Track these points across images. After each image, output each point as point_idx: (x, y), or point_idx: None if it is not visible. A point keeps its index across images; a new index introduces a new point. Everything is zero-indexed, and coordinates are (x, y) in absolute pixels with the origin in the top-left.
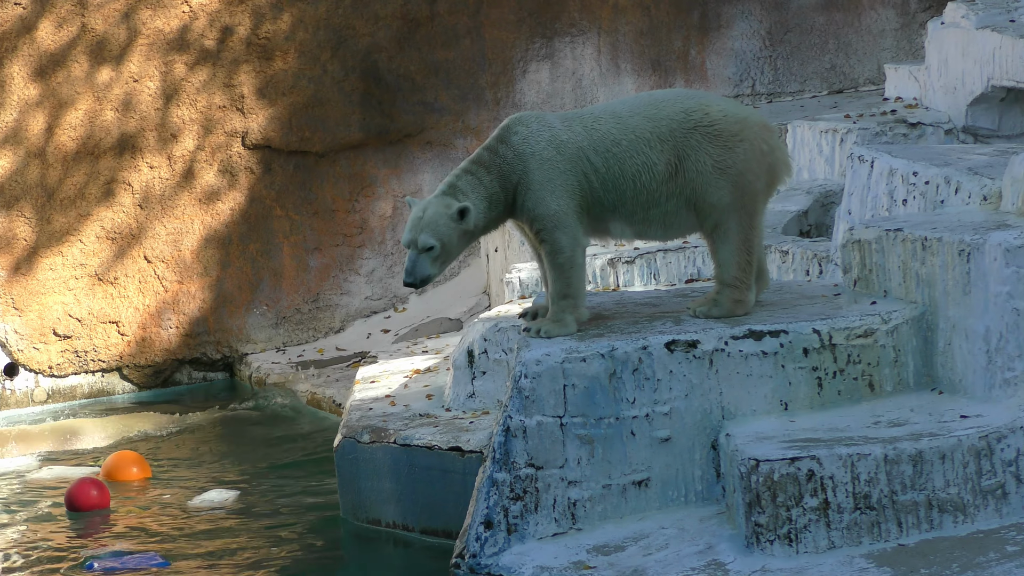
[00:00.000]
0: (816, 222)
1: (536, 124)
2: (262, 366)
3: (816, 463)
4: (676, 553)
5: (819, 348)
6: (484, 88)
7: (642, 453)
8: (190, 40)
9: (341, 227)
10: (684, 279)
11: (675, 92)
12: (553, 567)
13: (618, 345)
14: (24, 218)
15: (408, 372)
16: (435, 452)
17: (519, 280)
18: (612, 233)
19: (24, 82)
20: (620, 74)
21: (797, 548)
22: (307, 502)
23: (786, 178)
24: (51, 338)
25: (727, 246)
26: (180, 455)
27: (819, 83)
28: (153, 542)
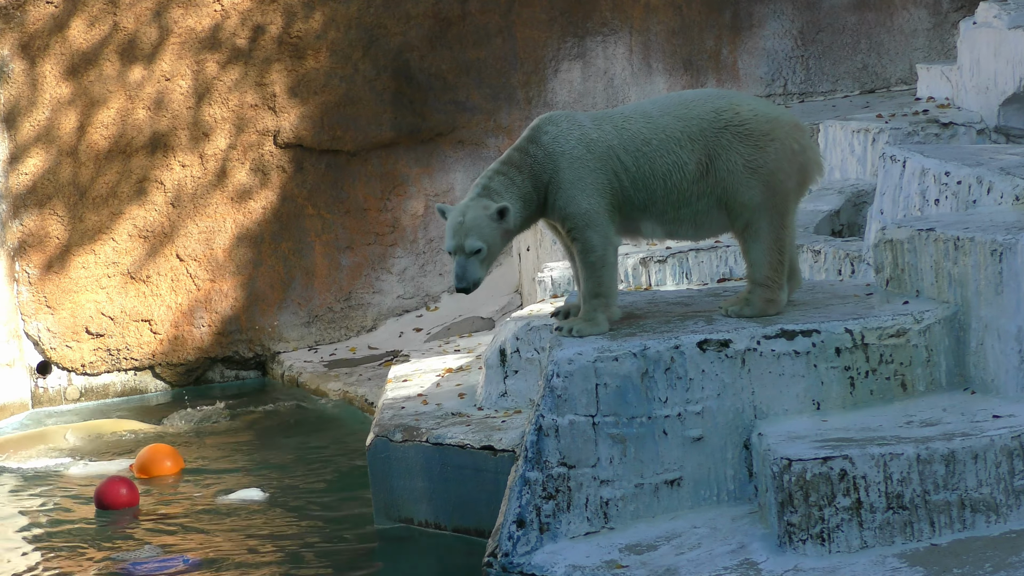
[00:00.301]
0: (848, 221)
1: (566, 123)
2: (294, 365)
3: (849, 463)
4: (708, 552)
5: (851, 348)
6: (516, 87)
7: (674, 452)
8: (222, 39)
9: (373, 226)
10: (716, 278)
11: (705, 92)
12: (585, 566)
13: (650, 344)
14: (57, 216)
15: (440, 371)
16: (467, 451)
17: (551, 279)
18: (643, 232)
19: (56, 81)
20: (652, 73)
21: (830, 548)
22: (339, 500)
23: (818, 177)
24: (84, 336)
25: (759, 245)
26: (212, 450)
27: (851, 83)
28: (183, 540)
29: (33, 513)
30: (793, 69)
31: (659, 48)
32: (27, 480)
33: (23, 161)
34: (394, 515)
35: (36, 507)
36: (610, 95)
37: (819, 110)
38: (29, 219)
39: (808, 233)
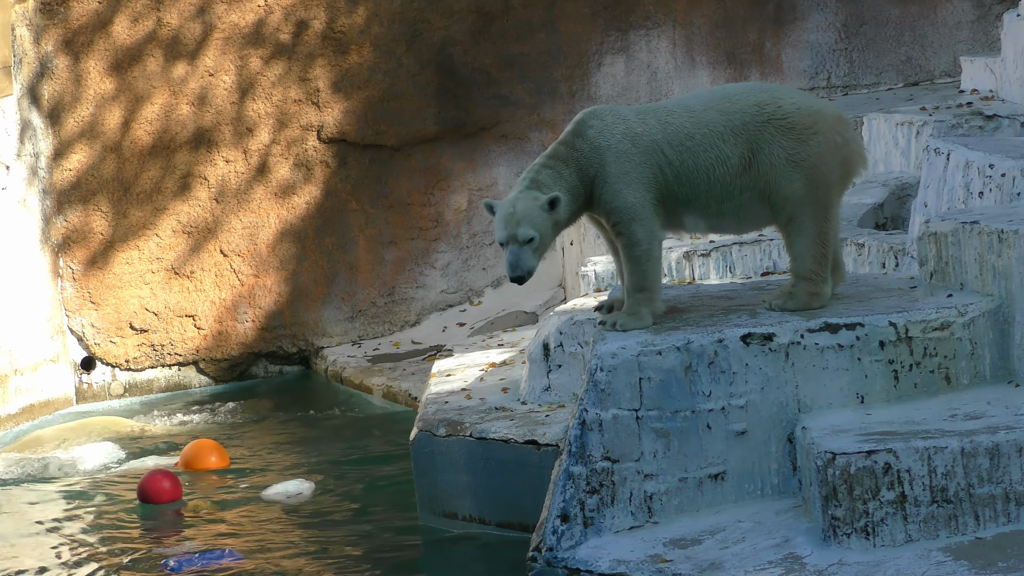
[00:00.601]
0: (892, 215)
1: (611, 117)
2: (338, 360)
3: (893, 456)
4: (753, 546)
5: (895, 341)
6: (559, 81)
7: (718, 446)
8: (265, 34)
9: (416, 221)
10: (760, 272)
11: (748, 85)
12: (630, 560)
13: (694, 338)
14: (101, 212)
15: (484, 365)
16: (511, 445)
17: (595, 273)
18: (686, 226)
19: (100, 76)
20: (695, 67)
21: (874, 541)
22: (383, 495)
23: (862, 170)
24: (128, 332)
25: (802, 239)
26: (257, 445)
27: (894, 75)
28: (226, 534)
29: (76, 507)
30: (836, 62)
31: (702, 41)
32: (70, 474)
33: (67, 157)
34: (438, 510)
35: (79, 501)
36: (653, 89)
37: (863, 103)
38: (73, 215)
39: (852, 226)
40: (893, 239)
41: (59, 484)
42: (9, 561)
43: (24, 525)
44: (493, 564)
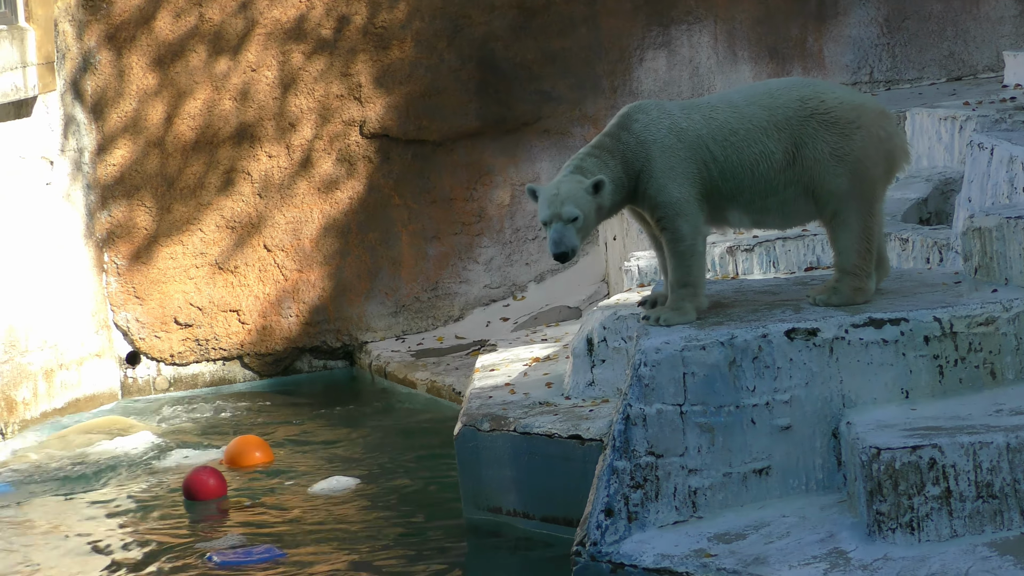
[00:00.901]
0: (936, 210)
1: (656, 112)
2: (382, 354)
3: (938, 451)
4: (797, 541)
5: (940, 336)
6: (601, 76)
7: (762, 441)
8: (307, 29)
9: (459, 216)
10: (803, 267)
11: (790, 80)
12: (674, 555)
13: (738, 333)
14: (144, 207)
15: (527, 360)
16: (555, 440)
17: (638, 268)
18: (730, 222)
19: (143, 72)
20: (737, 62)
21: (919, 537)
22: (427, 490)
23: (904, 165)
24: (172, 327)
25: (846, 234)
26: (301, 440)
27: (937, 70)
28: (271, 531)
29: (120, 502)
30: (879, 57)
31: (744, 37)
32: (114, 468)
33: (111, 152)
34: (482, 504)
35: (123, 496)
36: (695, 84)
37: (905, 98)
38: (117, 210)
39: (896, 221)
40: (937, 234)
41: (102, 478)
42: (52, 552)
43: (67, 519)
44: (537, 559)
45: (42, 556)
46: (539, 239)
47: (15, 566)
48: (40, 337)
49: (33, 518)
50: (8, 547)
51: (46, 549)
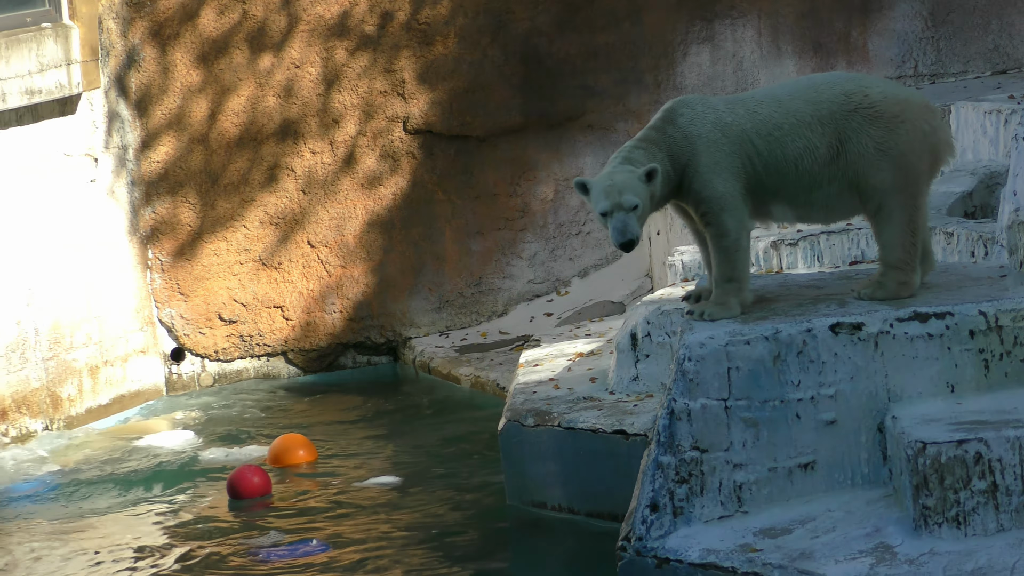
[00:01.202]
0: (981, 203)
1: (701, 106)
2: (426, 350)
3: (984, 445)
4: (843, 536)
5: (985, 330)
6: (644, 71)
7: (807, 436)
8: (350, 26)
9: (503, 211)
10: (848, 261)
11: (834, 75)
12: (720, 550)
13: (782, 327)
14: (188, 203)
15: (571, 355)
16: (599, 435)
17: (682, 263)
18: (774, 216)
19: (187, 68)
20: (781, 56)
21: (965, 531)
22: (472, 485)
23: (949, 158)
24: (216, 323)
25: (891, 228)
26: (346, 437)
27: (982, 63)
28: (315, 528)
29: (164, 499)
30: (924, 50)
31: (788, 31)
32: (157, 466)
33: (154, 148)
34: (527, 499)
35: (166, 494)
36: (739, 78)
37: (950, 91)
38: (161, 206)
39: (941, 215)
40: (982, 228)
41: (145, 476)
42: (94, 550)
43: (109, 517)
44: (582, 554)
45: (84, 554)
46: (583, 234)
47: (58, 564)
48: (85, 334)
49: (75, 516)
50: (50, 546)
51: (87, 547)
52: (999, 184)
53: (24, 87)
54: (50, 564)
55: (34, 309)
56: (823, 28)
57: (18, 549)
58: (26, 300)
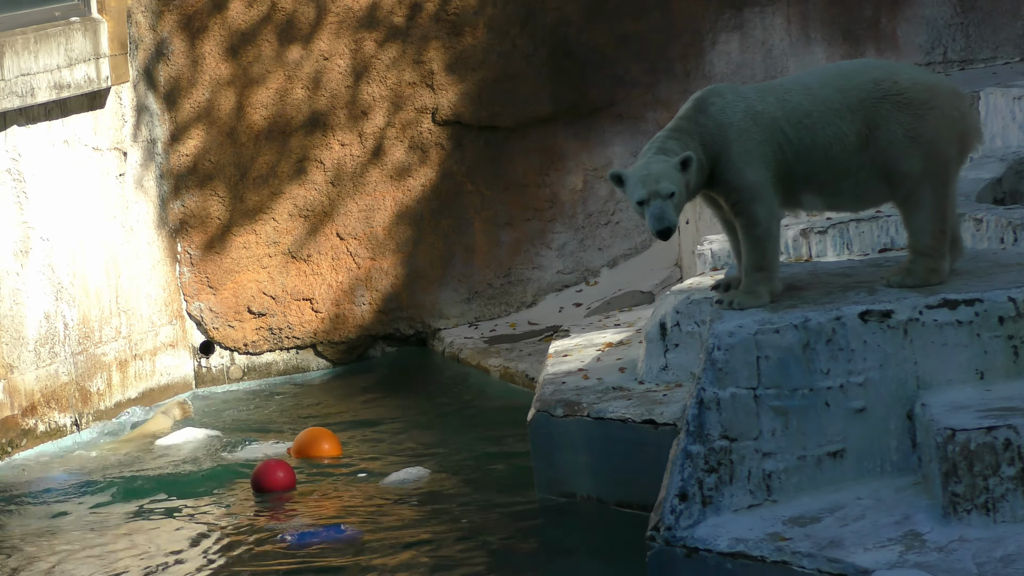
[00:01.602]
0: (1010, 189)
1: (732, 95)
2: (455, 341)
3: (1013, 432)
4: (873, 524)
5: (1015, 317)
6: (673, 60)
7: (837, 424)
8: (379, 17)
9: (532, 201)
10: (877, 249)
11: (862, 62)
12: (749, 539)
13: (811, 316)
14: (217, 196)
15: (600, 345)
16: (629, 425)
17: (711, 252)
18: (803, 205)
19: (216, 61)
20: (810, 44)
21: (994, 518)
22: (501, 475)
23: (977, 145)
24: (246, 316)
25: (920, 215)
26: (375, 427)
27: (1012, 49)
28: (342, 518)
29: (189, 492)
30: (953, 36)
31: (817, 18)
32: (184, 460)
33: (183, 141)
34: (556, 489)
35: (192, 487)
36: (768, 66)
37: (980, 77)
38: (190, 199)
39: (970, 201)
40: (1012, 214)
41: (169, 471)
42: (120, 542)
43: (134, 510)
44: (612, 543)
45: (109, 546)
46: (612, 224)
47: (84, 557)
48: (114, 328)
49: (101, 510)
50: (79, 539)
51: (113, 539)
52: None
53: (53, 82)
54: (77, 558)
55: (63, 303)
56: (852, 15)
57: (46, 544)
58: (55, 294)
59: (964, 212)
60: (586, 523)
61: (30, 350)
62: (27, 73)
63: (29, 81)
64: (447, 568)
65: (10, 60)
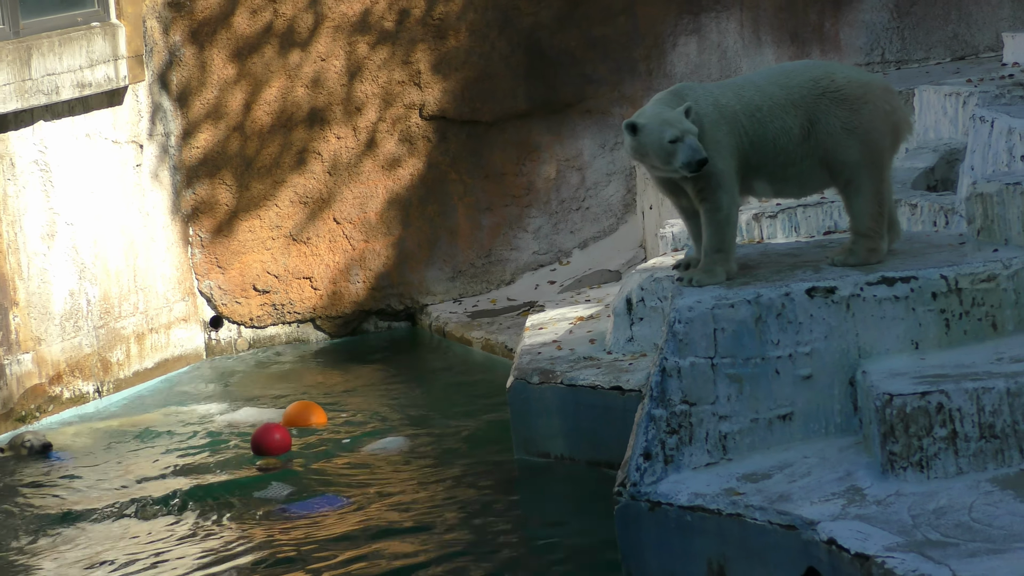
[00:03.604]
0: (942, 177)
1: (701, 90)
2: (440, 316)
3: (945, 396)
4: (818, 480)
5: (946, 292)
6: (637, 60)
7: (786, 390)
8: (371, 22)
9: (510, 189)
10: (822, 231)
11: (805, 63)
12: (706, 494)
13: (763, 292)
14: (225, 185)
15: (572, 319)
16: (598, 391)
17: (672, 235)
18: (755, 191)
19: (223, 64)
20: (761, 46)
21: (928, 474)
22: (482, 437)
23: (908, 135)
24: (251, 293)
25: (859, 200)
26: (366, 394)
27: (943, 51)
28: (333, 482)
29: (188, 456)
30: (890, 39)
31: (767, 23)
32: (188, 423)
33: (195, 136)
34: (532, 450)
35: (192, 451)
36: (723, 67)
37: (914, 76)
38: (201, 188)
39: (906, 188)
40: (943, 200)
41: (171, 435)
42: (120, 494)
43: (143, 473)
44: (583, 498)
45: (116, 504)
46: (582, 209)
47: (87, 519)
48: (132, 304)
49: (108, 471)
50: (83, 500)
51: (119, 499)
52: (958, 160)
53: (76, 80)
54: (77, 520)
55: (86, 282)
56: (799, 20)
57: (53, 502)
58: (79, 274)
59: (900, 198)
60: (559, 480)
61: (56, 324)
62: (52, 73)
63: (54, 80)
64: (430, 521)
65: (37, 61)
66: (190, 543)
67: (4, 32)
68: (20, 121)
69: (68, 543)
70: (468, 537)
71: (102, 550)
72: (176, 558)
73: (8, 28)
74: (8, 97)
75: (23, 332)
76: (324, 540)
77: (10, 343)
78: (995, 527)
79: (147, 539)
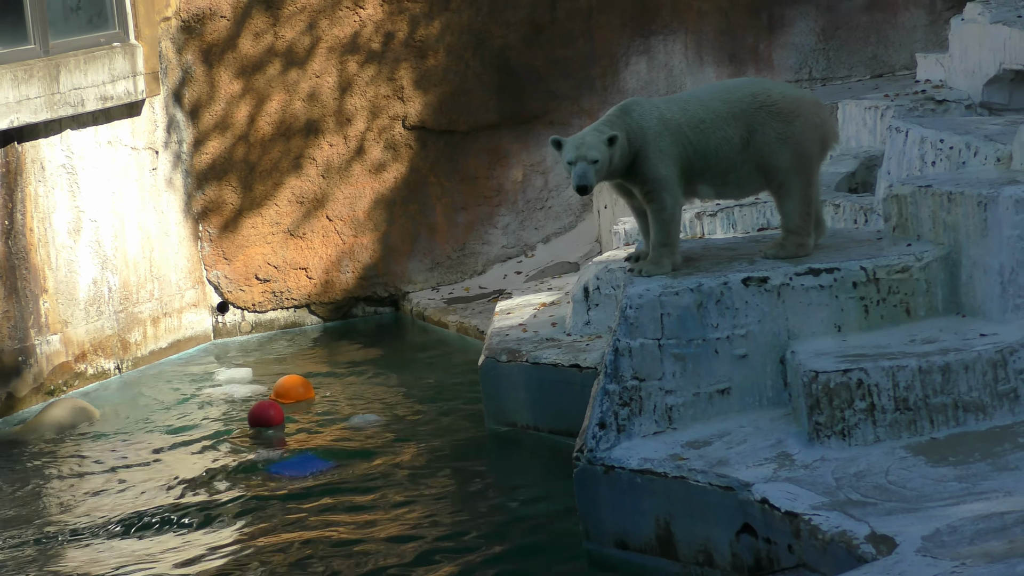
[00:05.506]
0: (862, 181)
1: (647, 105)
2: (420, 302)
3: (864, 373)
4: (752, 447)
5: (865, 281)
6: (595, 78)
7: (724, 367)
8: (360, 44)
9: (482, 191)
10: (757, 228)
11: (744, 80)
12: (654, 459)
13: (704, 281)
14: (231, 187)
15: (536, 305)
16: (559, 368)
17: (624, 231)
18: (699, 194)
19: (230, 80)
20: (703, 65)
21: (849, 442)
22: (456, 410)
23: (835, 144)
24: (254, 282)
25: (790, 201)
26: (344, 378)
27: (863, 69)
28: (320, 450)
29: (186, 427)
30: (817, 59)
31: (709, 45)
32: (190, 396)
33: (204, 144)
34: (502, 420)
35: (190, 422)
36: (670, 83)
37: (838, 92)
38: (209, 190)
39: (830, 190)
40: (863, 200)
41: (175, 404)
42: (119, 463)
43: (147, 441)
44: (546, 462)
45: (118, 473)
46: (546, 208)
47: (92, 485)
48: (148, 291)
49: (115, 441)
50: (87, 469)
51: (123, 466)
52: (876, 165)
53: (99, 94)
54: (84, 484)
55: (108, 272)
56: (737, 42)
57: (64, 467)
58: (101, 264)
59: (826, 199)
60: (525, 447)
61: (81, 309)
62: (78, 87)
63: (80, 94)
64: (410, 484)
65: (65, 77)
66: (189, 494)
67: (35, 51)
68: (50, 130)
69: (77, 488)
70: (445, 498)
71: (103, 503)
72: (171, 503)
73: (39, 47)
74: (39, 108)
75: (52, 316)
76: (307, 503)
77: (40, 325)
78: (908, 488)
79: (143, 488)
